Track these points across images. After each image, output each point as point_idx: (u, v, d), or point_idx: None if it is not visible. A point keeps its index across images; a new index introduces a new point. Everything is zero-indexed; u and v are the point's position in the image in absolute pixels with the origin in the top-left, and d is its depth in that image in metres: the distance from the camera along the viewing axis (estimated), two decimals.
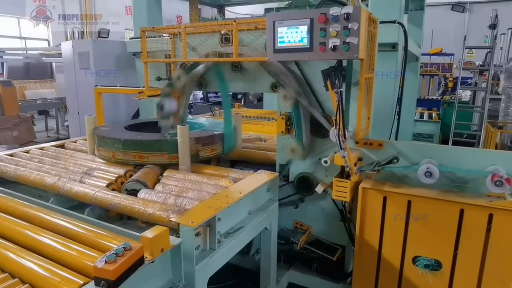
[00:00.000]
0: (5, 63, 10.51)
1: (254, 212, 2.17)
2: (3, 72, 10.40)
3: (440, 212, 2.00)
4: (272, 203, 2.37)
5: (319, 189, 2.40)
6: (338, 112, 1.97)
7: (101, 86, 4.05)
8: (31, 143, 5.80)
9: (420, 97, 8.63)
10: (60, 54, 6.73)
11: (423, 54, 7.28)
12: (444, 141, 7.65)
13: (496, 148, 5.80)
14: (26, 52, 11.42)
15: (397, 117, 3.26)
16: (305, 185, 2.56)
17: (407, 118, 5.81)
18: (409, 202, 2.07)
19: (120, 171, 2.47)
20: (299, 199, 2.62)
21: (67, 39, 8.87)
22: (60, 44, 7.81)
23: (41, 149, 3.13)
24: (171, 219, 1.67)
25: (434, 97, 9.12)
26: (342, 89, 1.96)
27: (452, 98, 8.48)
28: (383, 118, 3.06)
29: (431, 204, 2.01)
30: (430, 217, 2.04)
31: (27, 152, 3.05)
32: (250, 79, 2.63)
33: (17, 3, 12.53)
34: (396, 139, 3.09)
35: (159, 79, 2.92)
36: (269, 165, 2.82)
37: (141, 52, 2.80)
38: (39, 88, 10.68)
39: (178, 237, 1.57)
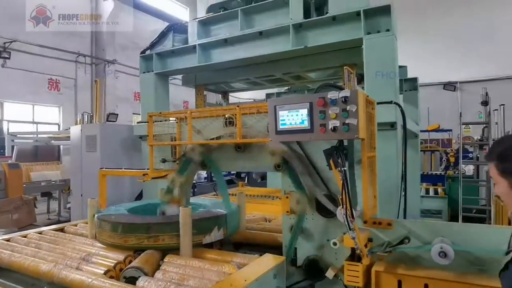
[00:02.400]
0: (15, 146, 10.82)
1: None
2: (11, 155, 10.65)
3: None
4: None
5: (329, 274, 2.27)
6: (343, 191, 1.95)
7: (106, 168, 4.08)
8: (31, 227, 5.69)
9: (424, 172, 8.65)
10: (69, 137, 6.96)
11: (421, 131, 7.47)
12: (453, 216, 7.47)
13: (509, 223, 5.61)
14: (37, 135, 11.84)
15: (403, 193, 3.22)
16: (314, 269, 2.43)
17: (413, 194, 5.74)
18: (426, 286, 1.94)
19: (120, 256, 2.37)
20: (309, 286, 2.46)
21: (76, 123, 9.27)
22: (69, 128, 8.12)
23: (40, 233, 3.05)
24: None
25: (438, 172, 9.13)
26: (345, 168, 1.97)
27: (456, 172, 8.48)
28: (389, 196, 3.02)
29: (450, 287, 1.88)
30: None
31: (25, 237, 2.96)
32: (253, 159, 2.66)
33: (33, 92, 13.35)
34: (404, 217, 3.01)
35: (164, 161, 2.96)
36: (275, 248, 2.70)
37: (148, 135, 2.88)
38: (45, 170, 10.82)
39: None
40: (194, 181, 8.73)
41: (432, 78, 15.53)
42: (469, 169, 9.66)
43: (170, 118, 2.98)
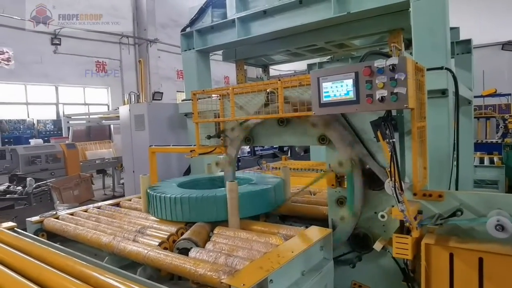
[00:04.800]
0: (70, 128, 11.56)
1: (308, 272, 2.06)
2: (68, 135, 11.42)
3: None
4: (326, 262, 2.24)
5: (377, 246, 2.25)
6: (392, 163, 1.89)
7: (155, 146, 4.26)
8: (90, 202, 6.13)
9: (478, 141, 8.14)
10: (118, 117, 7.31)
11: (475, 97, 6.99)
12: (510, 187, 7.02)
13: None
14: (89, 116, 12.57)
15: (455, 164, 3.07)
16: (361, 242, 2.42)
17: (465, 164, 5.47)
18: (481, 260, 1.86)
19: (172, 229, 2.50)
20: (356, 257, 2.46)
21: (124, 103, 9.72)
22: (118, 108, 8.51)
23: (98, 208, 3.28)
24: (222, 281, 1.63)
25: (494, 140, 8.56)
26: (393, 139, 1.90)
27: None
28: (440, 166, 2.89)
29: (508, 262, 1.79)
30: (507, 276, 1.81)
31: (86, 211, 3.21)
32: (296, 133, 2.64)
33: (82, 75, 14.04)
34: (456, 188, 2.88)
35: (209, 137, 3.02)
36: (320, 220, 2.71)
37: (192, 113, 2.94)
38: (98, 149, 11.52)
39: None
40: (238, 156, 8.89)
41: (488, 38, 14.32)
42: None
43: (213, 95, 3.01)
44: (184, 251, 2.16)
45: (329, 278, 2.23)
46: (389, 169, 1.92)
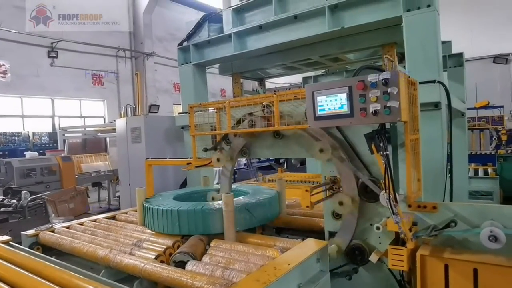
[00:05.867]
0: (66, 140, 11.53)
1: (304, 285, 2.07)
2: (63, 148, 11.38)
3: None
4: (323, 274, 2.24)
5: (373, 258, 2.27)
6: (386, 175, 1.92)
7: (151, 158, 4.27)
8: (85, 215, 6.08)
9: (472, 152, 8.22)
10: (114, 129, 7.32)
11: (469, 109, 7.09)
12: (506, 198, 7.07)
13: None
14: (85, 129, 12.56)
15: (449, 175, 3.11)
16: (357, 254, 2.43)
17: (460, 175, 5.52)
18: (475, 270, 1.88)
19: (169, 242, 2.50)
20: (352, 270, 2.47)
21: (121, 116, 9.75)
22: (114, 121, 8.52)
23: (94, 221, 3.27)
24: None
25: (488, 152, 8.65)
26: (387, 152, 1.94)
27: (509, 151, 7.99)
28: (434, 178, 2.93)
29: (502, 272, 1.81)
30: (502, 286, 1.83)
31: (82, 224, 3.20)
32: (291, 146, 2.68)
33: (79, 88, 14.07)
34: (451, 199, 2.92)
35: (205, 150, 3.05)
36: (316, 233, 2.73)
37: (189, 126, 2.97)
38: (94, 161, 11.49)
39: None
40: (235, 168, 8.91)
41: (480, 51, 14.58)
42: None
43: (210, 108, 3.05)
44: (181, 264, 2.16)
45: None
46: (383, 181, 1.95)
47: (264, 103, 2.64)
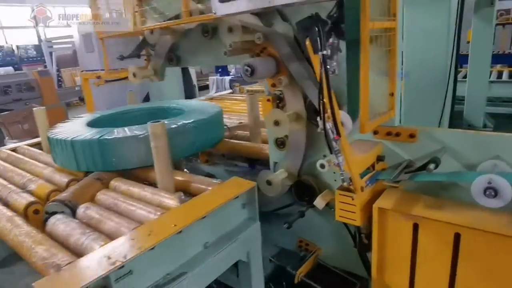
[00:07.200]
0: (52, 53, 10.75)
1: (215, 242, 1.49)
2: (51, 61, 10.67)
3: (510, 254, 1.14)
4: (251, 223, 1.65)
5: (319, 203, 1.64)
6: (321, 87, 1.17)
7: (86, 71, 3.54)
8: None
9: (498, 52, 7.04)
10: None
11: None
12: None
13: None
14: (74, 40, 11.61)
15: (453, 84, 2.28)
16: (305, 193, 1.80)
17: (478, 78, 4.65)
18: (457, 236, 1.22)
19: (64, 181, 1.93)
20: (298, 212, 1.85)
21: None
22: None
23: (13, 150, 2.71)
24: (33, 284, 1.05)
25: None
26: (325, 52, 1.14)
27: None
28: (428, 90, 2.11)
29: (496, 241, 1.15)
30: (492, 261, 1.18)
31: (14, 150, 2.65)
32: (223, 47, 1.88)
33: None
34: (451, 119, 2.15)
35: (121, 58, 2.29)
36: (265, 160, 2.08)
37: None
38: None
39: None
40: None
41: None
42: None
43: None
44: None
45: (254, 244, 1.66)
46: (321, 100, 1.20)
47: None
